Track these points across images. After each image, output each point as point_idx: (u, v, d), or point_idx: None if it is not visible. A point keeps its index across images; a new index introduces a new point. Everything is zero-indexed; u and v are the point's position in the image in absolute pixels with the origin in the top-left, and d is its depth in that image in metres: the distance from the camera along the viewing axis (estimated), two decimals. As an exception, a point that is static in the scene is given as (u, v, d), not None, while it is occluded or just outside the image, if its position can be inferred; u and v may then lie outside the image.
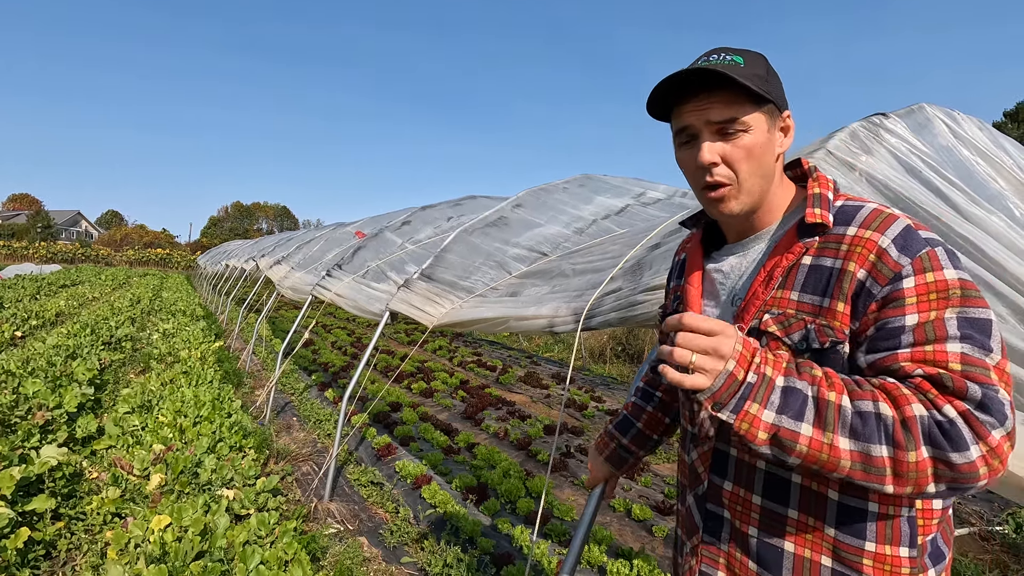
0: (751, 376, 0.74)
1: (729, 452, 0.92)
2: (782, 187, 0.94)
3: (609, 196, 4.29)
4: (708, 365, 0.73)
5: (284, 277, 7.33)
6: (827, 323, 0.81)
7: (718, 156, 0.86)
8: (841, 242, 0.82)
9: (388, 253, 5.19)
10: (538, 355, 10.57)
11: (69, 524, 2.91)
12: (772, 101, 0.87)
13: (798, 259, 0.86)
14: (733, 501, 0.92)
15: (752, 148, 0.86)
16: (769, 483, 0.87)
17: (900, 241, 0.78)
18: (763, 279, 0.88)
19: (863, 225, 0.82)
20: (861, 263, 0.79)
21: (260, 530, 2.83)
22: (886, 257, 0.77)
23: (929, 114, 2.16)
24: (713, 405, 0.74)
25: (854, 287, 0.79)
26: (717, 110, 0.86)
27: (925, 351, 0.73)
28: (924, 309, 0.74)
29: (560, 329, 2.39)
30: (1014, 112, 23.55)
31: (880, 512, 0.82)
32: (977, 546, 3.56)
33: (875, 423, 0.70)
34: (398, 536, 3.28)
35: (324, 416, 5.52)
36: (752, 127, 0.86)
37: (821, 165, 1.85)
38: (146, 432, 3.95)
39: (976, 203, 1.73)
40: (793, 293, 0.85)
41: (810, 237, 0.85)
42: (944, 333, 0.73)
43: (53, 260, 38.68)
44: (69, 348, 6.33)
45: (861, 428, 0.70)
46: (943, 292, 0.74)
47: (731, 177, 0.87)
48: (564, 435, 5.42)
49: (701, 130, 0.87)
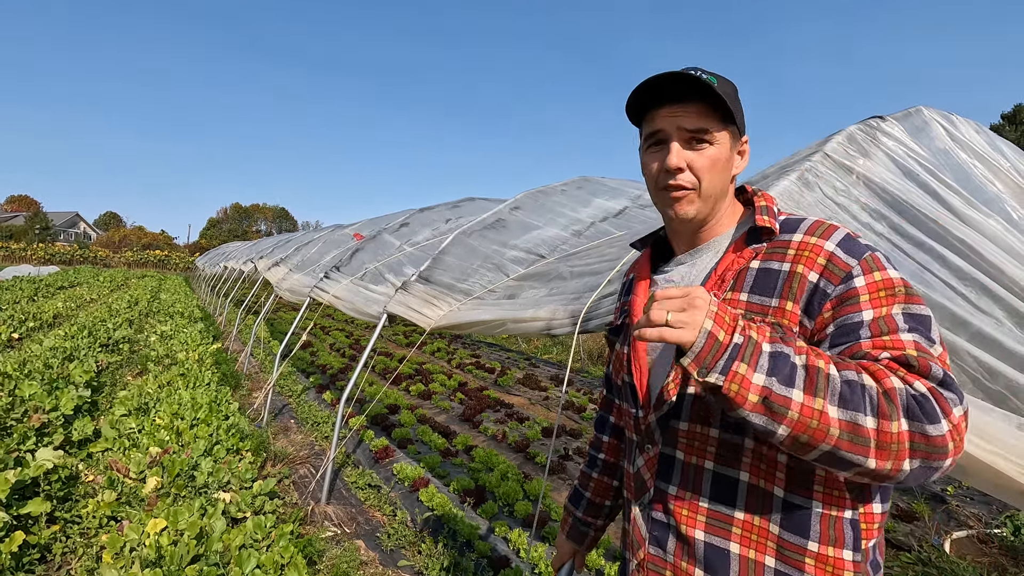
0: (736, 337, 0.73)
1: (675, 456, 0.93)
2: (732, 206, 1.01)
3: (607, 198, 4.28)
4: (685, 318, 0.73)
5: (282, 279, 7.32)
6: (776, 321, 0.85)
7: (684, 162, 0.92)
8: (788, 247, 0.88)
9: (386, 255, 5.18)
10: (536, 357, 10.56)
11: (64, 528, 2.89)
12: (736, 124, 0.95)
13: (747, 263, 0.91)
14: (679, 506, 0.92)
15: (716, 159, 0.92)
16: (716, 485, 0.89)
17: (845, 245, 0.85)
18: (715, 281, 0.93)
19: (808, 232, 0.88)
20: (810, 266, 0.85)
21: (256, 533, 2.82)
22: (835, 259, 0.83)
23: (926, 117, 2.16)
24: (699, 370, 0.73)
25: (805, 288, 0.84)
26: (691, 119, 0.92)
27: (884, 340, 0.77)
28: (876, 305, 0.80)
29: (558, 331, 2.38)
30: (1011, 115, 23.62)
31: (824, 512, 0.83)
32: (975, 549, 3.56)
33: (861, 393, 0.71)
34: (395, 539, 3.27)
35: (322, 418, 5.50)
36: (718, 141, 0.93)
37: (818, 168, 1.85)
38: (143, 435, 3.93)
39: (973, 206, 1.73)
40: (743, 294, 0.89)
41: (758, 243, 0.91)
42: (895, 325, 0.78)
43: (51, 261, 38.61)
44: (66, 350, 6.31)
45: (849, 396, 0.71)
46: (890, 289, 0.80)
47: (694, 183, 0.93)
48: (562, 437, 5.41)
49: (671, 136, 0.93)
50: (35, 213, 55.32)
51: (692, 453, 0.91)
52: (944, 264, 1.54)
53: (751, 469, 0.87)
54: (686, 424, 0.92)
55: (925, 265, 1.54)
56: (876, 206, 1.69)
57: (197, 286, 22.04)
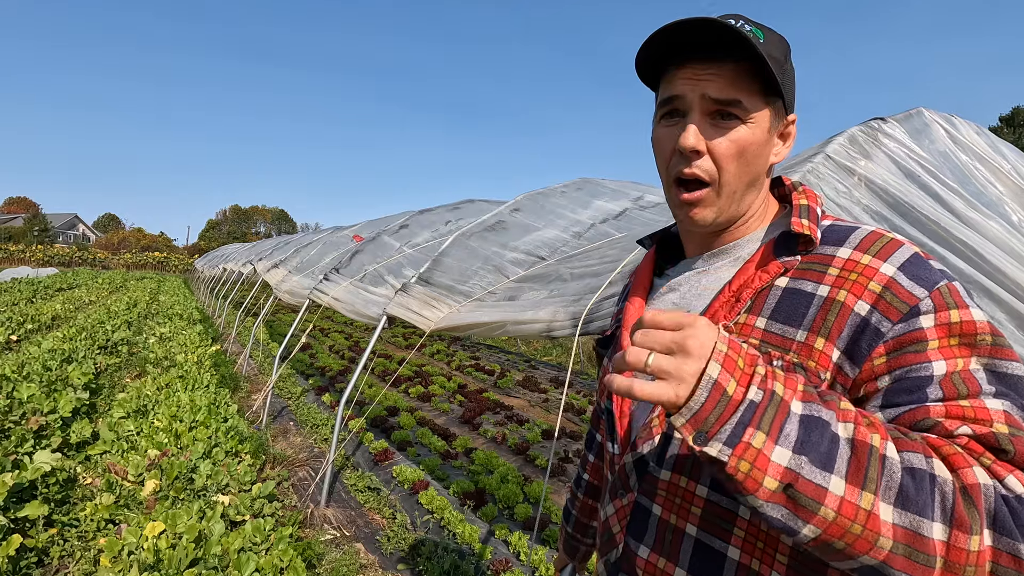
0: (753, 392, 0.51)
1: (651, 509, 0.73)
2: (766, 203, 0.78)
3: (607, 200, 4.28)
4: (670, 366, 0.51)
5: (282, 281, 7.31)
6: (799, 362, 0.64)
7: (704, 144, 0.69)
8: (830, 265, 0.66)
9: (386, 257, 5.17)
10: (536, 359, 10.56)
11: (62, 531, 2.88)
12: (782, 97, 0.71)
13: (773, 279, 0.69)
14: (650, 572, 0.73)
15: (746, 146, 0.70)
16: (698, 556, 0.68)
17: (911, 270, 0.62)
18: (728, 300, 0.71)
19: (859, 247, 0.66)
20: (859, 293, 0.62)
21: (255, 537, 2.81)
22: (896, 287, 0.61)
23: (927, 119, 2.16)
24: (695, 435, 0.51)
25: (847, 321, 0.62)
26: (719, 85, 0.68)
27: (961, 407, 0.55)
28: (950, 356, 0.58)
29: (558, 334, 2.38)
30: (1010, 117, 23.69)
31: None
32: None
33: (930, 488, 0.49)
34: (395, 542, 3.26)
35: (321, 420, 5.49)
36: (754, 119, 0.70)
37: (820, 170, 1.85)
38: (141, 437, 3.92)
39: (975, 208, 1.73)
40: (760, 320, 0.68)
41: (791, 255, 0.69)
42: (977, 387, 0.56)
43: (50, 263, 38.58)
44: (65, 352, 6.29)
45: (914, 493, 0.49)
46: (969, 337, 0.58)
47: (712, 175, 0.71)
48: (562, 439, 5.40)
49: (692, 106, 0.70)
50: (34, 215, 55.31)
51: (671, 511, 0.71)
52: (946, 266, 1.54)
53: (743, 544, 0.66)
54: (668, 474, 0.71)
55: (928, 267, 1.53)
56: (878, 207, 1.69)
57: (196, 288, 22.03)
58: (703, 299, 0.77)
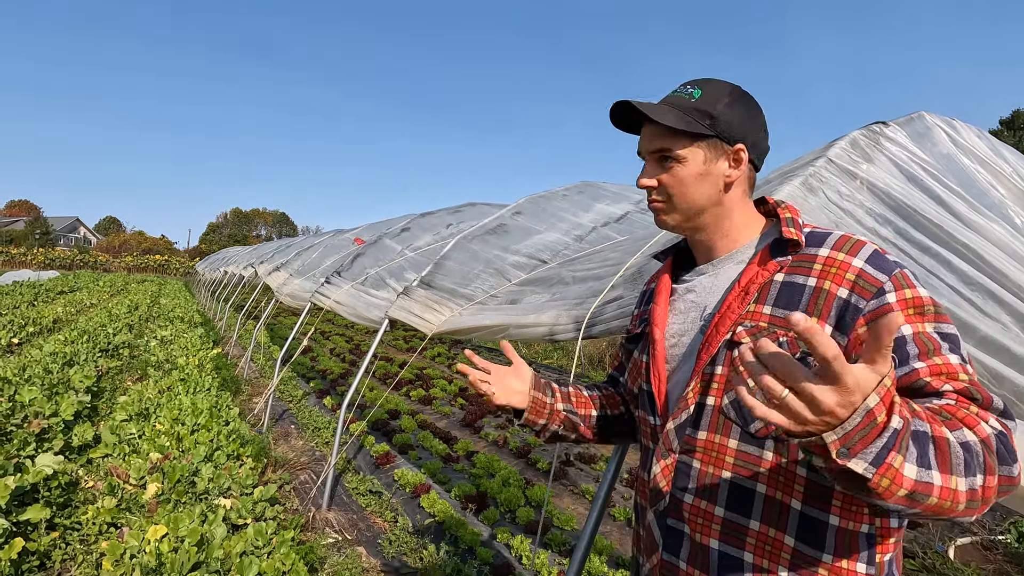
0: (896, 420, 0.58)
1: (692, 464, 0.92)
2: (744, 213, 0.99)
3: (609, 203, 4.29)
4: (799, 409, 0.57)
5: (283, 284, 7.32)
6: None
7: (655, 181, 0.97)
8: (814, 262, 0.87)
9: (387, 260, 5.18)
10: (537, 362, 10.55)
11: (64, 534, 2.88)
12: (714, 135, 0.94)
13: (772, 276, 0.90)
14: (694, 514, 0.91)
15: (684, 179, 0.95)
16: (733, 495, 0.88)
17: (874, 261, 0.83)
18: (738, 293, 0.91)
19: (835, 248, 0.87)
20: (839, 282, 0.83)
21: (257, 540, 2.80)
22: (865, 275, 0.82)
23: (929, 122, 2.16)
24: (839, 451, 0.58)
25: (832, 304, 0.82)
26: (653, 142, 0.97)
27: (937, 364, 0.74)
28: (912, 321, 0.78)
29: (561, 337, 2.38)
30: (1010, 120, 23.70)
31: (840, 526, 0.82)
32: (979, 556, 3.54)
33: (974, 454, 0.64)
34: (397, 546, 3.25)
35: (322, 424, 5.49)
36: (685, 159, 0.95)
37: (822, 174, 1.85)
38: (143, 440, 3.92)
39: (977, 211, 1.73)
40: (766, 307, 0.88)
41: (783, 256, 0.90)
42: (937, 344, 0.76)
43: (51, 266, 38.62)
44: (66, 355, 6.30)
45: (970, 461, 0.63)
46: (920, 308, 0.79)
47: (664, 197, 0.98)
48: (564, 443, 5.39)
49: (645, 156, 0.99)
50: (35, 218, 55.41)
51: (709, 463, 0.90)
52: (950, 269, 1.54)
53: (768, 481, 0.85)
54: (704, 434, 0.91)
55: (931, 270, 1.54)
56: (881, 210, 1.69)
57: (197, 291, 22.04)
58: (715, 295, 0.97)
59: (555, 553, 3.24)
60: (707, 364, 0.91)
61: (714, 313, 0.94)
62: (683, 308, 1.02)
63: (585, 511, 3.91)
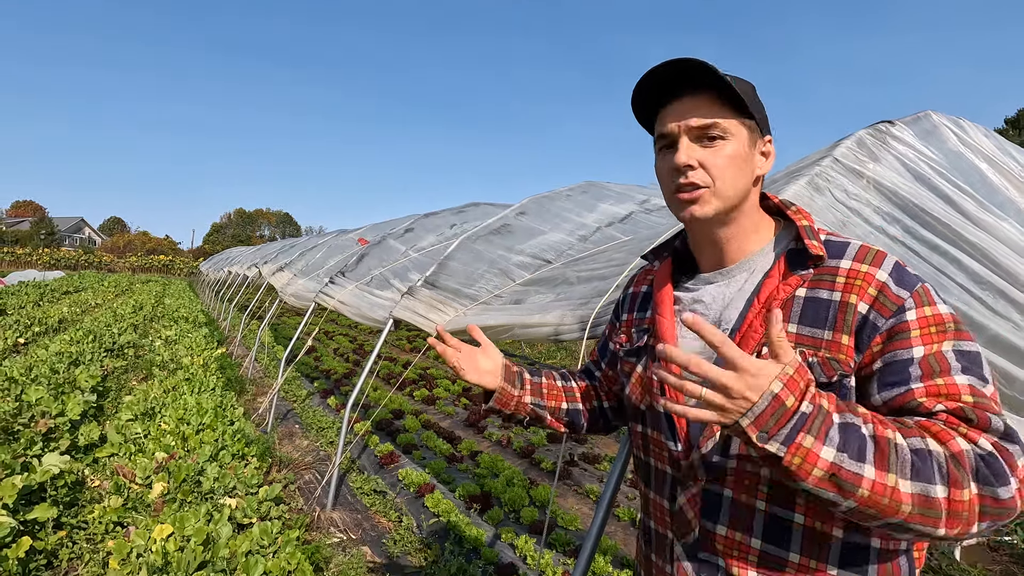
0: (805, 405, 0.66)
1: (723, 493, 0.86)
2: (758, 215, 0.91)
3: (612, 203, 4.28)
4: (719, 401, 0.66)
5: (287, 284, 7.33)
6: (832, 356, 0.78)
7: (695, 160, 0.84)
8: (836, 275, 0.81)
9: (391, 260, 5.18)
10: (541, 362, 10.55)
11: (71, 533, 2.89)
12: (755, 119, 0.86)
13: (794, 291, 0.83)
14: (729, 547, 0.85)
15: (733, 156, 0.84)
16: (770, 525, 0.82)
17: (896, 276, 0.79)
18: (759, 311, 0.84)
19: (857, 259, 0.81)
20: (862, 296, 0.78)
21: (263, 540, 2.81)
22: (887, 291, 0.77)
23: (935, 121, 2.15)
24: (758, 434, 0.65)
25: (856, 320, 0.78)
26: (699, 113, 0.84)
27: (938, 385, 0.72)
28: (928, 342, 0.75)
29: (566, 337, 2.37)
30: (1015, 119, 23.58)
31: (882, 548, 0.80)
32: (986, 556, 3.52)
33: (931, 461, 0.66)
34: (401, 546, 3.26)
35: (326, 424, 5.50)
36: (734, 136, 0.84)
37: (828, 173, 1.85)
38: (148, 440, 3.93)
39: (986, 209, 1.72)
40: (791, 326, 0.82)
41: (804, 269, 0.83)
42: (948, 365, 0.73)
43: (56, 267, 38.81)
44: (72, 355, 6.32)
45: (921, 467, 0.66)
46: (941, 325, 0.75)
47: (707, 181, 0.84)
48: (567, 443, 5.39)
49: (680, 134, 0.85)
50: (40, 219, 55.64)
51: (742, 491, 0.84)
52: (960, 268, 1.53)
53: (806, 511, 0.80)
54: (734, 461, 0.84)
55: (941, 268, 1.53)
56: (888, 209, 1.68)
57: (201, 291, 22.11)
58: (732, 309, 0.89)
59: (559, 553, 3.24)
60: None
61: (734, 331, 0.87)
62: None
63: (589, 511, 3.91)
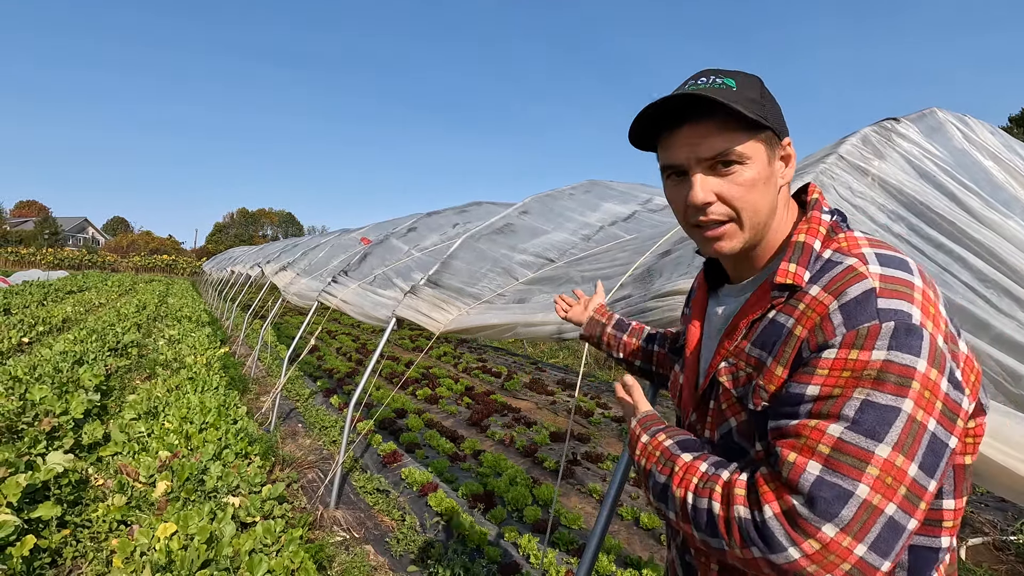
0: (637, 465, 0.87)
1: None
2: (786, 219, 0.85)
3: (616, 203, 4.27)
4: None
5: (290, 283, 7.34)
6: (763, 384, 0.76)
7: (712, 195, 0.78)
8: (801, 301, 0.74)
9: (394, 260, 5.18)
10: (543, 361, 10.54)
11: (75, 531, 2.90)
12: (770, 127, 0.78)
13: (765, 313, 0.79)
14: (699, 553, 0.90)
15: (754, 183, 0.78)
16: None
17: (849, 308, 0.69)
18: (731, 329, 0.85)
19: (827, 286, 0.72)
20: (808, 326, 0.72)
21: (266, 538, 2.81)
22: (826, 323, 0.70)
23: (941, 119, 2.14)
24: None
25: (796, 351, 0.73)
26: (708, 143, 0.77)
27: (807, 426, 0.67)
28: (831, 383, 0.67)
29: (570, 336, 2.37)
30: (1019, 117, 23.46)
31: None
32: (991, 556, 3.51)
33: (707, 518, 0.73)
34: (404, 544, 3.26)
35: (329, 422, 5.50)
36: (751, 158, 0.78)
37: (833, 171, 1.84)
38: (152, 439, 3.94)
39: (992, 207, 1.71)
40: (749, 346, 0.80)
41: (781, 293, 0.78)
42: (837, 410, 0.66)
43: (60, 266, 38.93)
44: (76, 354, 6.34)
45: (701, 522, 0.74)
46: (858, 372, 0.66)
47: (730, 214, 0.79)
48: (570, 442, 5.38)
49: (691, 166, 0.79)
50: (44, 218, 55.80)
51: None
52: (965, 266, 1.52)
53: None
54: None
55: (945, 267, 1.52)
56: (893, 207, 1.67)
57: (204, 291, 22.15)
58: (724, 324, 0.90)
59: (563, 552, 3.23)
60: (701, 397, 0.89)
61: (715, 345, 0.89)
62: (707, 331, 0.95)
63: (592, 510, 3.91)
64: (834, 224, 0.80)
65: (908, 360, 0.64)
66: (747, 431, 0.80)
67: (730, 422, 0.83)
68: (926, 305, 0.68)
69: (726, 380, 0.83)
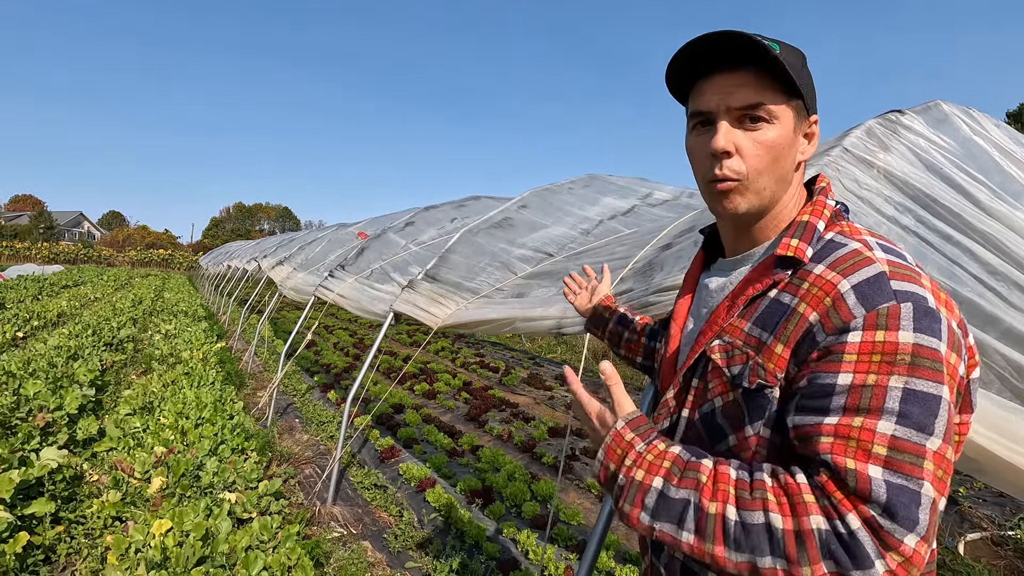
0: (621, 479, 0.74)
1: None
2: (796, 200, 0.84)
3: (615, 197, 4.24)
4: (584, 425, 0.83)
5: (286, 278, 7.30)
6: (762, 363, 0.73)
7: (733, 146, 0.77)
8: (805, 280, 0.73)
9: (391, 254, 5.15)
10: (541, 356, 10.52)
11: (69, 528, 2.87)
12: (802, 97, 0.78)
13: (766, 290, 0.77)
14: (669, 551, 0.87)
15: (773, 145, 0.77)
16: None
17: (863, 288, 0.67)
18: (726, 305, 0.81)
19: (832, 265, 0.71)
20: (816, 306, 0.69)
21: (263, 535, 2.79)
22: (841, 304, 0.67)
23: (946, 111, 2.11)
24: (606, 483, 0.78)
25: (801, 330, 0.70)
26: (741, 93, 0.76)
27: (851, 427, 0.63)
28: (863, 370, 0.64)
29: (569, 330, 2.34)
30: (1017, 113, 23.49)
31: None
32: (990, 551, 3.51)
33: (763, 535, 0.64)
34: (402, 541, 3.24)
35: (327, 418, 5.48)
36: (779, 119, 0.77)
37: (838, 163, 1.81)
38: (147, 434, 3.91)
39: (1000, 199, 1.69)
40: (747, 324, 0.77)
41: (784, 270, 0.76)
42: (880, 404, 0.62)
43: (55, 261, 38.76)
44: (71, 349, 6.30)
45: (744, 540, 0.65)
46: (890, 355, 0.63)
47: (741, 173, 0.77)
48: (569, 437, 5.37)
49: (719, 114, 0.78)
50: (39, 212, 55.48)
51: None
52: (973, 258, 1.50)
53: None
54: None
55: (954, 259, 1.50)
56: (900, 199, 1.65)
57: (201, 285, 22.07)
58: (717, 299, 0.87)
59: (561, 548, 3.22)
60: (685, 374, 0.85)
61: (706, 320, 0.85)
62: (696, 306, 0.92)
63: (591, 505, 3.89)
64: (836, 211, 0.81)
65: (934, 344, 0.63)
66: (733, 412, 0.77)
67: (714, 402, 0.80)
68: (936, 291, 0.69)
69: (719, 358, 0.79)
